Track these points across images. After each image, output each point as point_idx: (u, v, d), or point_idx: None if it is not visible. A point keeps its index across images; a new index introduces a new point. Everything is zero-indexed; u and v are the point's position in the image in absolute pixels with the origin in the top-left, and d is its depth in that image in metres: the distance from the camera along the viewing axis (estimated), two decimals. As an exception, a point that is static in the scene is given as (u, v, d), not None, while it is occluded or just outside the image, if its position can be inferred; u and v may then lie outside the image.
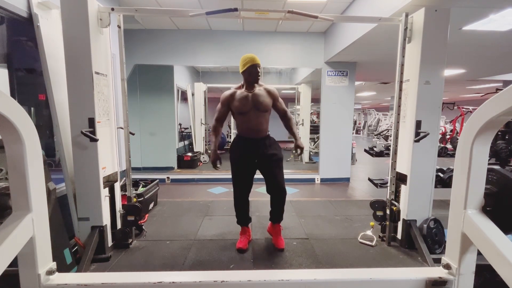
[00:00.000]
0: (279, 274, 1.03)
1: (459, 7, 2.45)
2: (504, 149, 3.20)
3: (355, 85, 5.02)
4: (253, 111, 2.18)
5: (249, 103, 2.17)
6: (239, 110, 2.19)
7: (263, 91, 2.22)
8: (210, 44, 4.68)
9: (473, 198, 0.94)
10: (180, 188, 4.72)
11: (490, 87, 8.65)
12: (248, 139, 2.25)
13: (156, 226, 2.84)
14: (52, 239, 1.03)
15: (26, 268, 0.94)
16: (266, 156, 2.24)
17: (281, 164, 2.31)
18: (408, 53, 2.29)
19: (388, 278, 1.03)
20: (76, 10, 1.98)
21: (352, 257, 2.27)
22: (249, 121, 2.20)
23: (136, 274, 1.04)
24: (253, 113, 2.19)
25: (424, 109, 2.24)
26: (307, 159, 6.84)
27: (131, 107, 2.67)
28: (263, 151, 2.24)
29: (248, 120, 2.20)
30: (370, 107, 19.61)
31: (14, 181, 0.91)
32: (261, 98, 2.19)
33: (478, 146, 0.91)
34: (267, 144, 2.26)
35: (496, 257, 0.82)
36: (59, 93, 2.14)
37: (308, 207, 3.46)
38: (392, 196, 2.44)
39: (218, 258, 2.23)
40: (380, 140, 9.61)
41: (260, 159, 2.26)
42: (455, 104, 5.95)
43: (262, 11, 2.20)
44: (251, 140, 2.24)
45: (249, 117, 2.19)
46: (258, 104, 2.17)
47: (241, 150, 2.28)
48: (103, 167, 2.15)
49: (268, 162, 2.26)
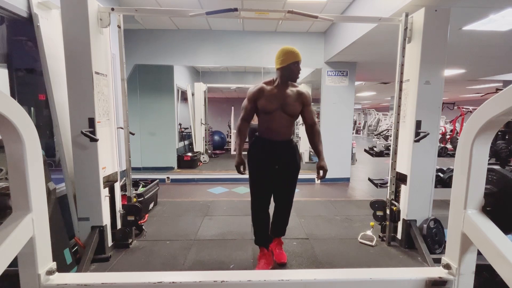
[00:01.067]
0: (279, 274, 1.03)
1: (459, 7, 2.45)
2: (504, 149, 3.19)
3: (355, 85, 5.02)
4: (278, 112, 1.92)
5: (276, 102, 1.91)
6: (264, 108, 1.92)
7: (295, 93, 1.95)
8: (210, 44, 4.68)
9: (473, 198, 0.94)
10: (180, 188, 4.72)
11: (490, 87, 8.64)
12: (269, 141, 1.98)
13: (156, 226, 2.84)
14: (52, 239, 1.03)
15: (26, 268, 0.94)
16: (287, 163, 2.01)
17: (297, 174, 2.09)
18: (408, 53, 2.29)
19: (388, 278, 1.03)
20: (76, 10, 1.98)
21: (352, 257, 2.27)
22: (273, 122, 1.94)
23: (136, 274, 1.04)
24: (278, 115, 1.93)
25: (424, 109, 2.24)
26: (307, 159, 6.83)
27: (131, 107, 2.67)
28: (285, 156, 2.01)
29: (272, 120, 1.94)
30: (370, 107, 19.61)
31: (14, 181, 0.91)
32: (291, 101, 1.93)
33: (478, 146, 0.91)
34: (289, 149, 2.03)
35: (496, 257, 0.82)
36: (59, 93, 2.14)
37: (308, 207, 3.46)
38: (392, 196, 2.44)
39: (218, 258, 2.23)
40: (380, 140, 9.62)
41: (281, 165, 2.00)
42: (455, 104, 5.95)
43: (262, 11, 2.20)
44: (273, 142, 1.98)
45: (273, 117, 1.93)
46: (285, 106, 1.92)
47: (262, 153, 2.00)
48: (103, 167, 2.15)
49: (287, 170, 2.02)
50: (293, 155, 2.04)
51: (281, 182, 2.04)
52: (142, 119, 5.43)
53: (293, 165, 2.04)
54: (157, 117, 5.55)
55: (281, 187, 2.06)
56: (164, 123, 5.62)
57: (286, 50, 1.90)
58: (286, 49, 1.91)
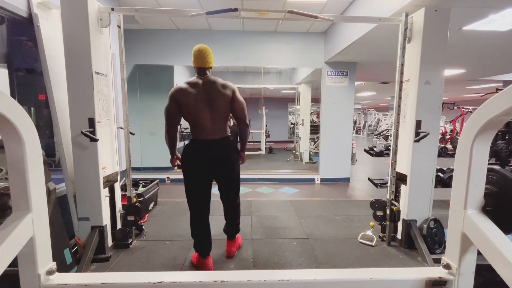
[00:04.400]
0: (279, 274, 1.03)
1: (459, 7, 2.45)
2: (504, 149, 3.20)
3: (355, 85, 5.01)
4: None
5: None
6: None
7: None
8: (210, 44, 4.59)
9: (473, 198, 0.94)
10: (180, 188, 4.69)
11: (490, 87, 8.65)
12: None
13: (156, 226, 2.84)
14: (52, 239, 1.03)
15: (26, 268, 0.94)
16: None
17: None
18: (408, 53, 2.29)
19: (388, 278, 1.03)
20: (76, 10, 1.98)
21: (352, 257, 2.27)
22: None
23: (136, 274, 1.04)
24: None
25: (424, 109, 2.24)
26: (307, 159, 6.84)
27: (131, 107, 2.67)
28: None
29: None
30: (370, 107, 19.61)
31: (14, 181, 0.91)
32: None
33: (478, 146, 0.91)
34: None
35: (496, 257, 0.82)
36: (59, 93, 2.14)
37: (308, 207, 3.46)
38: (392, 196, 2.44)
39: (218, 258, 2.23)
40: (380, 140, 9.61)
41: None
42: (455, 104, 5.95)
43: (262, 11, 2.20)
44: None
45: None
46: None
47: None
48: (103, 167, 2.15)
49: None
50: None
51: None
52: (142, 119, 5.43)
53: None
54: (157, 117, 5.50)
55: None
56: (164, 123, 5.61)
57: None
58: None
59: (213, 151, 1.95)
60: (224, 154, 1.99)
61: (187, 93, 1.89)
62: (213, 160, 1.96)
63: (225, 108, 1.94)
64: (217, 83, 1.94)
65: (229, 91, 1.95)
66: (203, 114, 1.91)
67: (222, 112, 1.94)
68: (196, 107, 1.89)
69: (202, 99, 1.89)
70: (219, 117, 1.94)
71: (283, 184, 4.93)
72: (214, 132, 1.95)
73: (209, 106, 1.91)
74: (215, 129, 1.95)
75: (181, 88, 1.91)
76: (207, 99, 1.90)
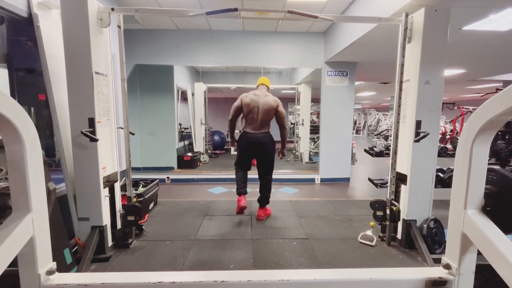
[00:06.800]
0: (279, 274, 1.03)
1: (459, 7, 2.45)
2: (504, 149, 3.19)
3: (355, 85, 5.01)
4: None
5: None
6: None
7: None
8: (210, 44, 4.68)
9: (473, 198, 0.94)
10: (180, 188, 4.72)
11: (490, 87, 8.64)
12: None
13: (156, 226, 2.84)
14: (52, 239, 1.03)
15: (26, 268, 0.94)
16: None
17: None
18: (408, 53, 2.29)
19: (388, 278, 1.03)
20: (76, 10, 1.98)
21: (352, 257, 2.27)
22: None
23: (136, 274, 1.04)
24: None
25: (424, 109, 2.24)
26: (307, 159, 6.83)
27: (131, 107, 2.67)
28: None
29: None
30: (370, 107, 19.61)
31: (14, 181, 0.91)
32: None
33: (478, 146, 0.91)
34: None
35: (496, 257, 0.82)
36: (59, 93, 2.14)
37: (308, 207, 3.46)
38: (392, 196, 2.44)
39: (218, 258, 2.23)
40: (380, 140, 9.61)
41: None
42: (455, 104, 5.94)
43: (262, 11, 2.20)
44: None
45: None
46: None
47: None
48: (103, 167, 2.15)
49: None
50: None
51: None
52: (142, 119, 5.43)
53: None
54: (157, 117, 5.55)
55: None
56: (164, 123, 5.62)
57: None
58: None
59: (257, 141, 2.91)
60: (264, 143, 2.92)
61: (250, 98, 2.88)
62: (257, 146, 2.93)
63: (270, 114, 2.89)
64: (269, 97, 2.92)
65: (275, 104, 2.89)
66: (255, 115, 2.88)
67: (267, 116, 2.89)
68: (252, 109, 2.87)
69: (257, 105, 2.87)
70: (264, 118, 2.89)
71: (283, 184, 4.93)
72: (259, 128, 2.91)
73: (259, 110, 2.86)
74: (260, 126, 2.91)
75: (247, 94, 2.93)
76: (260, 105, 2.86)
